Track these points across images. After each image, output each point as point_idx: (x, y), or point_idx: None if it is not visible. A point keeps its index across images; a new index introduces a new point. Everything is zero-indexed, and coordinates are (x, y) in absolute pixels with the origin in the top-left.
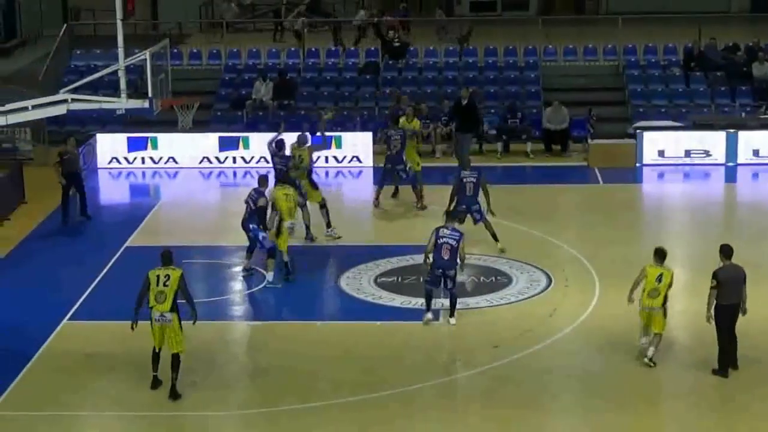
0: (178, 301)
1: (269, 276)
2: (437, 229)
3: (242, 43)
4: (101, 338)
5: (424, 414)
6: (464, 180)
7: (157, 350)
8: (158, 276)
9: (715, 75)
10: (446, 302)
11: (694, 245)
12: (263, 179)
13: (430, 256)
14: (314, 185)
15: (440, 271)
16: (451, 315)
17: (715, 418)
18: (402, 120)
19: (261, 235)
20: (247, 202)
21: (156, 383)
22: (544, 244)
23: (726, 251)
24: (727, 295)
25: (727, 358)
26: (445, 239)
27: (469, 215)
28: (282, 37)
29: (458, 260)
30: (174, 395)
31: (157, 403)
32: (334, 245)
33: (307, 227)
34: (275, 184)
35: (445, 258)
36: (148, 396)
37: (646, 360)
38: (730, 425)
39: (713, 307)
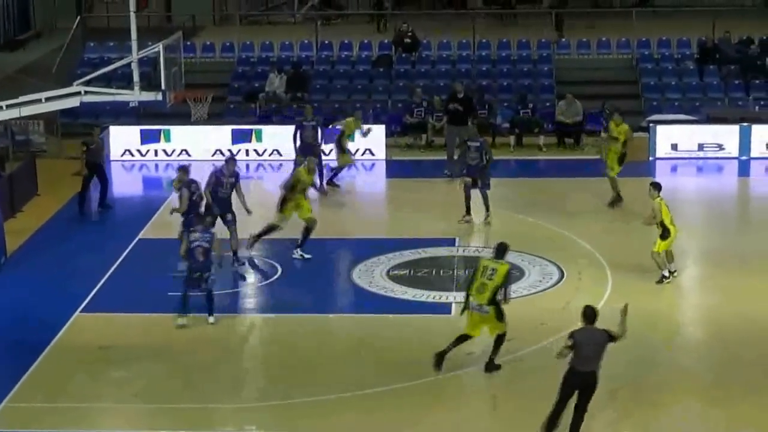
0: None
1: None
2: (187, 234)
3: (255, 35)
4: (112, 330)
5: (437, 406)
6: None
7: (467, 336)
8: (485, 267)
9: (729, 68)
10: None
11: (707, 239)
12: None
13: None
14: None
15: (198, 273)
16: (210, 314)
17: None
18: (611, 125)
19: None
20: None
21: (441, 361)
22: (556, 237)
23: (588, 314)
24: (583, 359)
25: (551, 425)
26: (197, 243)
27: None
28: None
29: (213, 260)
30: (491, 368)
31: (170, 395)
32: (348, 238)
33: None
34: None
35: (201, 260)
36: (161, 388)
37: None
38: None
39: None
